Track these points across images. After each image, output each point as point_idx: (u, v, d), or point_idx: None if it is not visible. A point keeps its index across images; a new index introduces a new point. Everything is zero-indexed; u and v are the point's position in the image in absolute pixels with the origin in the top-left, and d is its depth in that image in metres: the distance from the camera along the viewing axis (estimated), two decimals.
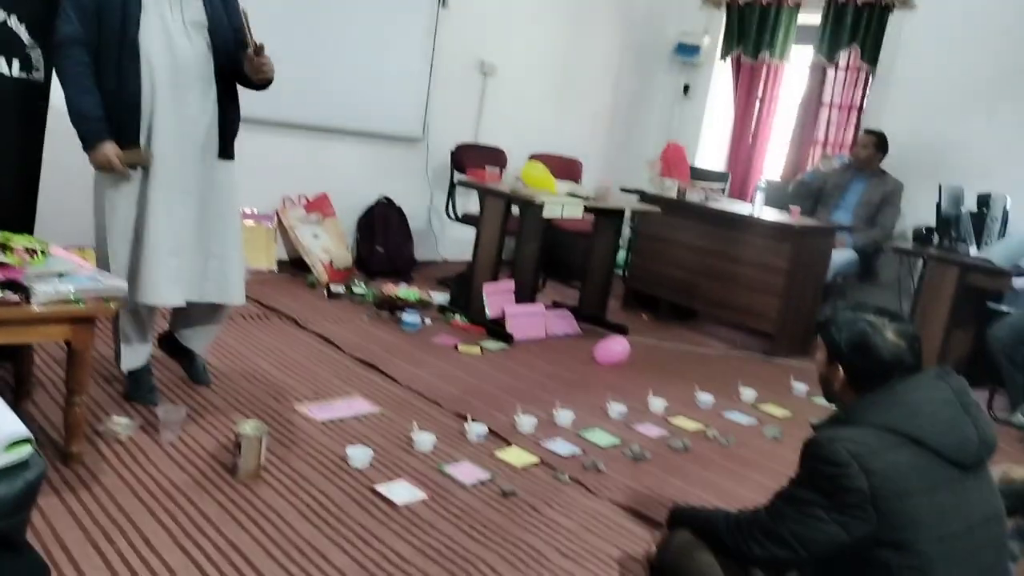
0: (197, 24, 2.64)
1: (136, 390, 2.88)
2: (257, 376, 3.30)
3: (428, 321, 4.35)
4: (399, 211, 5.43)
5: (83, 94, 2.52)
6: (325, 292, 4.63)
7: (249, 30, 2.62)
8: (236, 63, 2.71)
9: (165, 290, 2.69)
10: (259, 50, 2.62)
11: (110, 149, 2.54)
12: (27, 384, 2.75)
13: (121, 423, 2.61)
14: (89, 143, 2.55)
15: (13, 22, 2.64)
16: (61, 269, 2.26)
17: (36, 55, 2.69)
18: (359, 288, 4.68)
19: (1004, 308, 4.49)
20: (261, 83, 2.76)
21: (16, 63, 2.66)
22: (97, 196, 2.69)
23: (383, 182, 5.42)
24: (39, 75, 2.71)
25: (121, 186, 2.63)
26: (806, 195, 5.42)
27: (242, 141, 2.91)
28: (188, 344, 3.05)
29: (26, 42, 2.66)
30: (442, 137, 5.54)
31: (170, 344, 3.08)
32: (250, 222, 4.82)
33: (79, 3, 2.51)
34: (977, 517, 1.71)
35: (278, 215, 4.97)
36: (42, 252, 2.28)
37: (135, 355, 2.86)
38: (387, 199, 5.41)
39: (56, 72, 2.59)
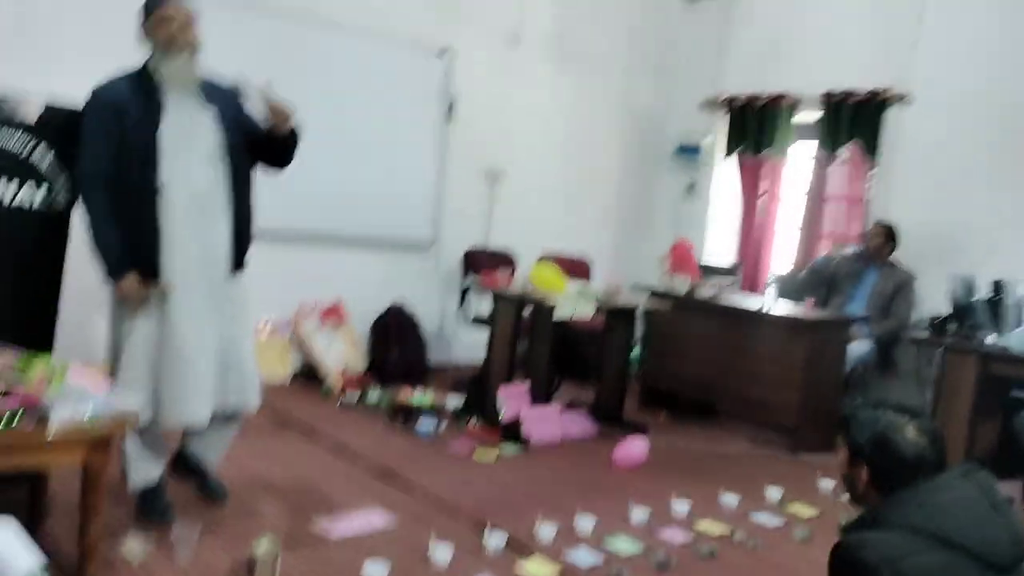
0: (215, 154, 2.75)
1: (150, 509, 2.85)
2: (271, 490, 3.26)
3: (443, 426, 4.31)
4: (412, 316, 5.47)
5: (105, 228, 2.64)
6: (339, 401, 4.62)
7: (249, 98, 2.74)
8: (261, 150, 2.86)
9: (197, 409, 2.72)
10: (270, 100, 2.71)
11: (132, 282, 2.64)
12: (43, 506, 2.73)
13: (136, 544, 2.57)
14: (112, 276, 2.66)
15: (40, 151, 2.75)
16: (78, 391, 2.27)
17: (59, 184, 2.78)
18: (373, 395, 4.67)
19: None
20: (288, 137, 2.82)
21: (41, 192, 2.76)
22: (114, 318, 2.75)
23: (396, 288, 5.48)
24: (60, 203, 2.80)
25: (140, 310, 2.69)
26: (819, 283, 5.43)
27: (257, 253, 2.99)
28: (203, 455, 3.03)
29: (49, 172, 2.76)
30: (453, 242, 5.64)
31: (181, 465, 3.06)
32: (265, 334, 4.86)
33: (102, 138, 2.62)
34: None
35: (293, 325, 5.01)
36: (60, 374, 2.30)
37: (147, 473, 2.85)
38: (400, 304, 5.46)
39: (80, 204, 2.68)
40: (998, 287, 4.63)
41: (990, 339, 4.48)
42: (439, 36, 5.44)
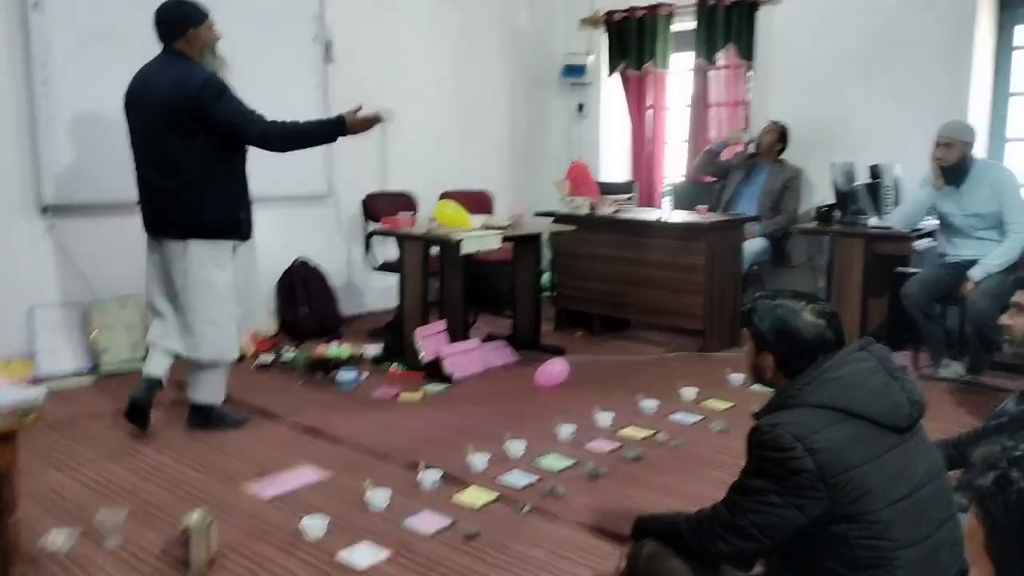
0: None
1: (228, 416, 3.57)
2: (198, 463, 3.20)
3: (365, 375, 4.30)
4: (317, 270, 5.37)
5: (300, 125, 3.40)
6: (254, 364, 4.53)
7: None
8: None
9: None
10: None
11: (352, 116, 3.44)
12: None
13: (60, 536, 2.49)
14: (342, 127, 3.43)
15: None
16: None
17: None
18: (289, 354, 4.59)
19: (912, 270, 4.69)
20: None
21: None
22: (196, 276, 3.32)
23: (297, 243, 5.35)
24: None
25: (217, 260, 3.37)
26: (715, 167, 5.58)
27: None
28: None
29: None
30: (350, 189, 5.51)
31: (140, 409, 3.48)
32: None
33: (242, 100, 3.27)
34: (921, 477, 1.78)
35: None
36: None
37: (224, 390, 3.61)
38: (303, 260, 5.34)
39: (277, 138, 3.39)
40: (875, 171, 4.86)
41: (873, 221, 4.73)
42: None
